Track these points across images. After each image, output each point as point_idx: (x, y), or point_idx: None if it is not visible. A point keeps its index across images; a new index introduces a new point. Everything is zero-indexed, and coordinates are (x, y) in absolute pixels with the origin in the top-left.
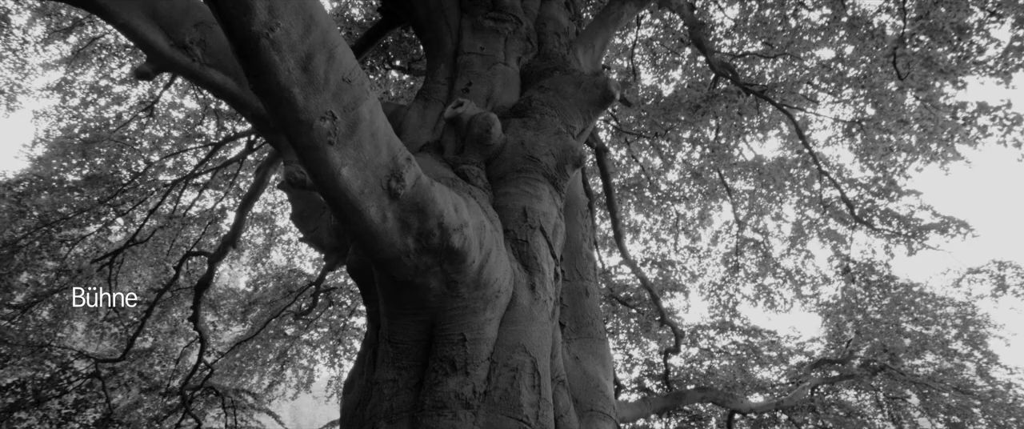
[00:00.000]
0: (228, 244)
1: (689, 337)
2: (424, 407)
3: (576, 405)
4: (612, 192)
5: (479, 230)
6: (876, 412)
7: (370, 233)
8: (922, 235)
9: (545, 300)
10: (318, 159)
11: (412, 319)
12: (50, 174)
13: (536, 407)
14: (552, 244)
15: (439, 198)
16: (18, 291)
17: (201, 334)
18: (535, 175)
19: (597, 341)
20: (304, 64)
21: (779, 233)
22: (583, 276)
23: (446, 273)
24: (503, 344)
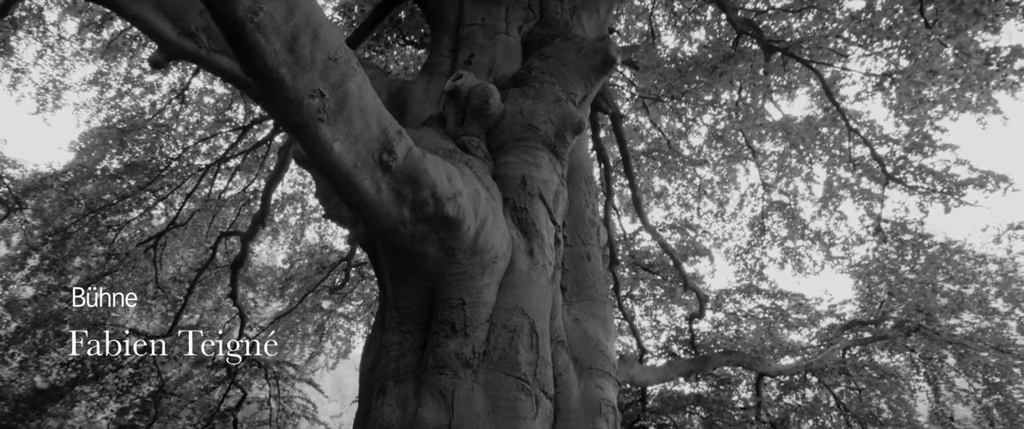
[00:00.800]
0: (258, 223)
1: (714, 302)
2: (427, 367)
3: (575, 364)
4: (629, 158)
5: (474, 198)
6: (911, 373)
7: (366, 205)
8: (959, 191)
9: (544, 265)
10: (310, 136)
11: (414, 285)
12: (93, 164)
13: (533, 365)
14: (552, 210)
15: (432, 169)
16: (72, 275)
17: (240, 310)
18: (534, 143)
19: (598, 303)
20: (290, 45)
21: (809, 194)
22: (586, 241)
23: (443, 241)
24: (502, 307)
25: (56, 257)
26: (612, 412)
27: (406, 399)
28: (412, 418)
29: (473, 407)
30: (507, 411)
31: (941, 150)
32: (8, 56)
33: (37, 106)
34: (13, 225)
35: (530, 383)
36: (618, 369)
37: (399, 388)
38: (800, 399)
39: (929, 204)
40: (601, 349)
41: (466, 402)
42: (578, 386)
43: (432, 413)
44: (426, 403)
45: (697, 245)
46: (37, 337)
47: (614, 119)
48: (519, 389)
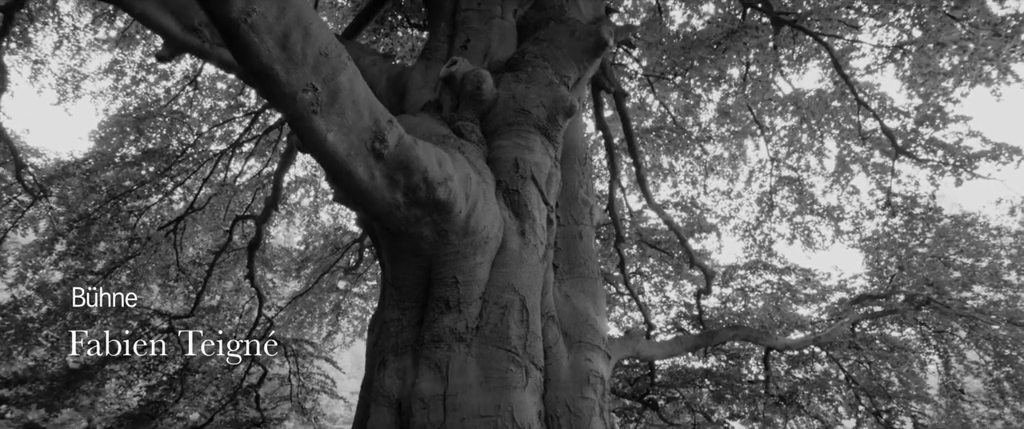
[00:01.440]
0: (271, 206)
1: (721, 278)
2: (424, 341)
3: (565, 337)
4: (633, 136)
5: (465, 182)
6: (922, 346)
7: (362, 191)
8: (971, 164)
9: (535, 244)
10: (305, 128)
11: (410, 265)
12: (112, 151)
13: (524, 339)
14: (544, 192)
15: (423, 155)
16: (98, 259)
17: (258, 290)
18: (526, 127)
19: (589, 280)
20: (282, 43)
21: (821, 169)
22: (578, 221)
23: (436, 223)
24: (494, 285)
25: (81, 242)
26: (600, 383)
27: (405, 371)
28: (410, 388)
29: (466, 378)
30: (498, 381)
31: (953, 122)
32: (28, 48)
33: (58, 96)
34: (40, 212)
35: (520, 355)
36: (625, 344)
37: (398, 361)
38: (809, 373)
39: (940, 177)
40: (590, 324)
41: (460, 373)
42: (567, 358)
43: (428, 384)
44: (423, 374)
45: (704, 222)
46: (67, 319)
47: (617, 98)
48: (509, 361)
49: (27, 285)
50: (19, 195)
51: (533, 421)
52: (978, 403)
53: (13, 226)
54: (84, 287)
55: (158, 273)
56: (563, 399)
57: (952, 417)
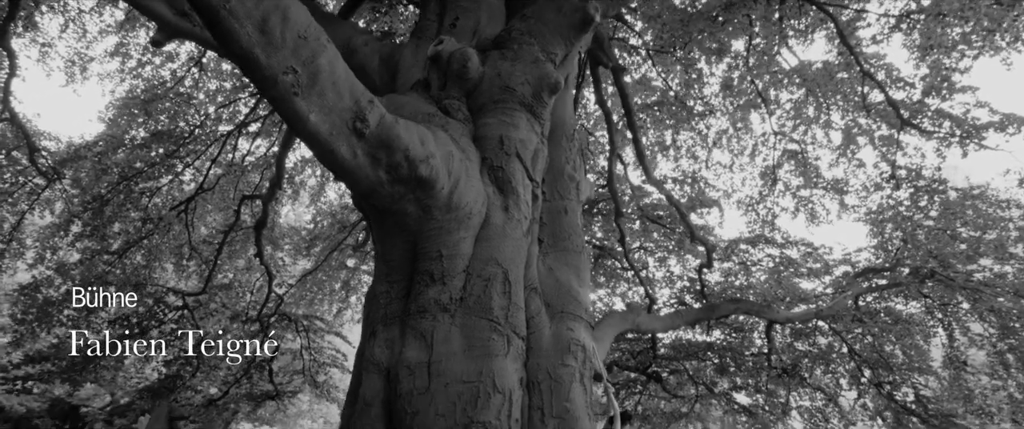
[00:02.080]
0: (275, 186)
1: (724, 252)
2: (410, 312)
3: (548, 308)
4: (632, 111)
5: (447, 160)
6: (926, 319)
7: (345, 169)
8: (979, 135)
9: (519, 219)
10: (288, 109)
11: (397, 240)
12: (122, 133)
13: (505, 310)
14: (529, 168)
15: (404, 134)
16: (113, 239)
17: (267, 268)
18: (511, 104)
19: (573, 254)
20: (261, 27)
21: (827, 142)
22: (564, 196)
23: (419, 199)
24: (478, 258)
25: (96, 223)
26: (581, 351)
27: (393, 340)
28: (398, 357)
29: (450, 346)
30: (480, 349)
31: (960, 93)
32: (35, 31)
33: (66, 78)
34: (55, 194)
35: (502, 325)
36: (625, 317)
37: (387, 331)
38: (812, 346)
39: (946, 149)
40: (573, 295)
41: (444, 342)
42: (550, 328)
43: (414, 352)
44: (409, 343)
45: (706, 197)
46: (88, 296)
47: (615, 73)
48: (491, 330)
49: (46, 266)
50: (34, 178)
51: (514, 387)
52: (981, 375)
53: (30, 208)
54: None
55: (172, 252)
56: (544, 366)
57: (955, 389)
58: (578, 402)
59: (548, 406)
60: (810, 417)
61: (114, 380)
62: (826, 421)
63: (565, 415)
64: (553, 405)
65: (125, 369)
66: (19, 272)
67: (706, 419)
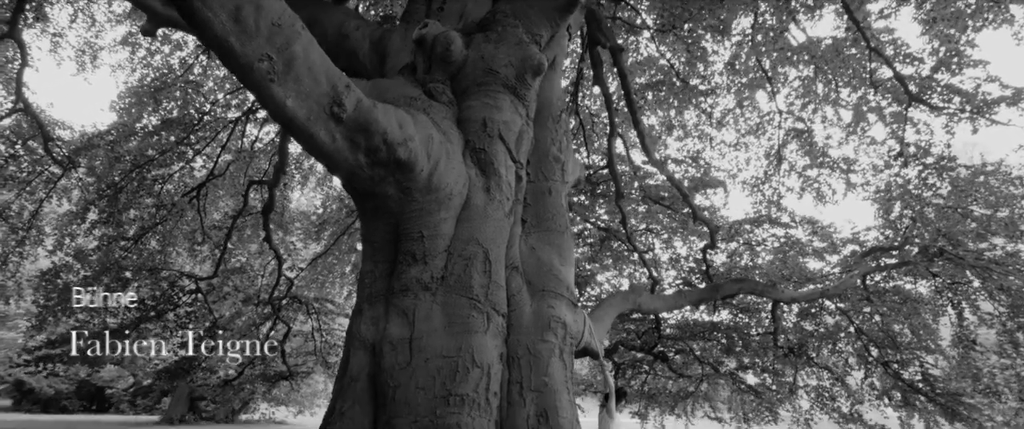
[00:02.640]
0: (279, 171)
1: (727, 232)
2: (394, 291)
3: (529, 286)
4: (631, 92)
5: (426, 142)
6: (935, 298)
7: (325, 153)
8: (990, 110)
9: (501, 200)
10: (265, 95)
11: (380, 222)
12: (133, 122)
13: (486, 288)
14: (512, 150)
15: (382, 118)
16: (128, 226)
17: (276, 252)
18: (495, 87)
19: (555, 233)
20: (235, 16)
21: (837, 120)
22: (548, 177)
23: (399, 181)
24: (459, 238)
25: (112, 210)
26: (562, 327)
27: (378, 318)
28: (382, 333)
29: (431, 323)
30: (460, 326)
31: (971, 67)
32: (45, 22)
33: (77, 68)
34: (71, 183)
35: (482, 303)
36: (627, 297)
37: (372, 309)
38: (820, 326)
39: (956, 125)
40: (554, 273)
41: (425, 319)
42: (530, 305)
43: (397, 329)
44: (393, 321)
45: (711, 177)
46: (104, 283)
47: (614, 53)
48: (471, 307)
49: (65, 252)
50: (50, 167)
51: (493, 362)
52: (990, 353)
53: (47, 196)
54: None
55: (185, 238)
56: (524, 342)
57: (963, 367)
58: (557, 376)
59: (527, 380)
60: (817, 396)
61: (133, 361)
62: (833, 400)
63: (543, 389)
64: (532, 379)
65: (144, 349)
66: (40, 259)
67: (714, 399)
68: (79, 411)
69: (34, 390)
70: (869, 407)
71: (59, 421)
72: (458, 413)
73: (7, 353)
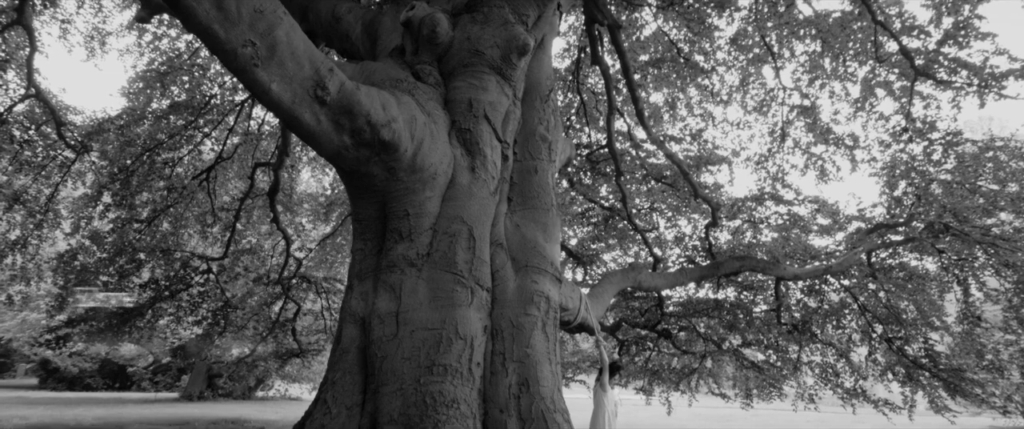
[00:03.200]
0: (282, 153)
1: (729, 210)
2: (382, 267)
3: (513, 262)
4: (629, 70)
5: (410, 123)
6: (941, 274)
7: (310, 135)
8: (998, 83)
9: (485, 179)
10: (250, 79)
11: (369, 201)
12: (143, 106)
13: (470, 264)
14: (497, 130)
15: (365, 100)
16: (141, 208)
17: (284, 233)
18: (480, 68)
19: (541, 211)
20: (218, 3)
21: (845, 95)
22: (534, 156)
23: (384, 162)
24: (444, 216)
25: (125, 193)
26: (545, 301)
27: (367, 293)
28: (371, 308)
29: (417, 297)
30: (445, 300)
31: (978, 40)
32: (54, 7)
33: (86, 53)
34: (84, 167)
35: (466, 278)
36: (626, 275)
37: (362, 285)
38: (824, 303)
39: (963, 99)
40: (538, 250)
41: (411, 293)
42: (514, 280)
43: (385, 303)
44: (381, 295)
45: (714, 154)
46: (119, 264)
47: (611, 31)
48: (455, 283)
49: (81, 235)
50: (63, 151)
51: (477, 334)
52: (995, 329)
53: (62, 180)
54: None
55: (197, 220)
56: (508, 315)
57: (967, 344)
58: (538, 347)
59: (509, 351)
60: (821, 372)
61: (150, 339)
62: (837, 376)
63: (525, 359)
64: (514, 350)
65: (160, 330)
66: (57, 242)
67: (718, 375)
68: (103, 388)
69: (59, 369)
70: (873, 382)
71: (84, 398)
72: (441, 381)
73: (31, 334)
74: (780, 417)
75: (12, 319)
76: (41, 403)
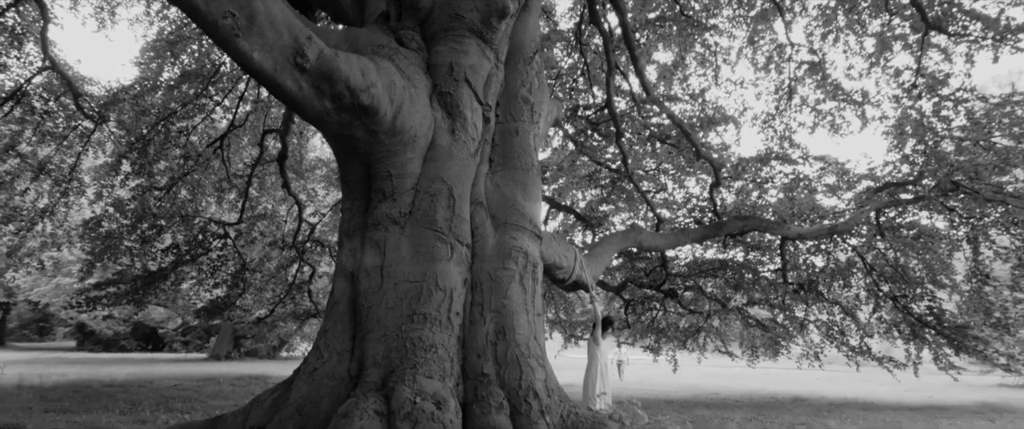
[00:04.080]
0: (288, 120)
1: (733, 170)
2: (368, 225)
3: (493, 220)
4: (628, 28)
5: (389, 88)
6: (951, 232)
7: (293, 101)
8: (1014, 36)
9: (465, 141)
10: (233, 49)
11: (354, 163)
12: (155, 76)
13: (450, 221)
14: (478, 92)
15: (344, 66)
16: (159, 177)
17: (295, 198)
18: (461, 32)
19: (521, 171)
20: None
21: (860, 50)
22: (516, 118)
23: (365, 125)
24: (425, 176)
25: (143, 162)
26: (523, 256)
27: (355, 250)
28: (359, 263)
29: (400, 253)
30: (426, 255)
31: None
32: None
33: (97, 24)
34: (104, 136)
35: (446, 234)
36: (626, 236)
37: (351, 242)
38: (830, 262)
39: (977, 53)
40: (517, 208)
41: (395, 249)
42: (494, 237)
43: (371, 258)
44: (367, 251)
45: (720, 113)
46: (141, 230)
47: None
48: (436, 239)
49: (104, 203)
50: (82, 122)
51: (456, 286)
52: (1003, 287)
53: (84, 149)
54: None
55: (214, 187)
56: (486, 269)
57: (975, 302)
58: (515, 299)
59: (487, 302)
60: (827, 330)
61: (174, 301)
62: (842, 334)
63: (502, 309)
64: (492, 301)
65: (184, 293)
66: (83, 208)
67: (725, 334)
68: (136, 350)
69: (95, 332)
70: (878, 340)
71: (118, 358)
72: (421, 328)
73: (66, 298)
74: (789, 376)
75: (47, 284)
76: (78, 363)
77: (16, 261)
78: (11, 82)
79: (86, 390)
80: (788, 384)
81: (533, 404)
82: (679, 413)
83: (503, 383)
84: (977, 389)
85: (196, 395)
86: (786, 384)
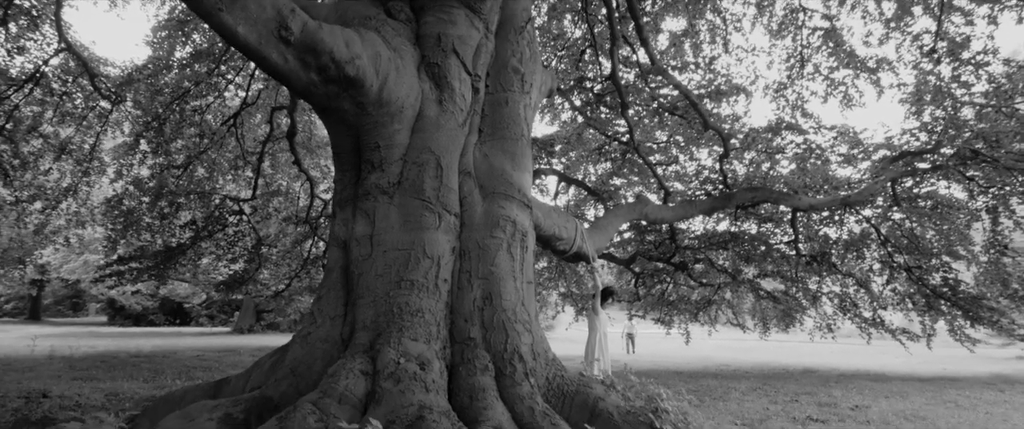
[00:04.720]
0: (295, 97)
1: (743, 141)
2: (358, 195)
3: (481, 189)
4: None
5: (374, 60)
6: (970, 202)
7: (280, 73)
8: None
9: (453, 111)
10: (217, 23)
11: (344, 135)
12: (167, 55)
13: (437, 191)
14: (466, 63)
15: (328, 38)
16: (176, 155)
17: (307, 175)
18: (450, 3)
19: (510, 141)
20: None
21: (879, 16)
22: (506, 88)
23: (352, 97)
24: (413, 147)
25: (160, 141)
26: (511, 225)
27: (347, 219)
28: (350, 232)
29: (389, 222)
30: (414, 224)
31: None
32: None
33: (109, 3)
34: (121, 115)
35: (433, 204)
36: (632, 208)
37: (343, 212)
38: (843, 233)
39: (1000, 14)
40: (506, 177)
41: (384, 218)
42: (482, 206)
43: (361, 227)
44: (358, 221)
45: (729, 83)
46: (160, 207)
47: None
48: (424, 208)
49: (124, 181)
50: (100, 102)
51: (444, 254)
52: (1020, 258)
53: (102, 129)
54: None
55: (229, 165)
56: (474, 238)
57: (993, 272)
58: (503, 266)
59: (475, 270)
60: (840, 302)
61: (194, 276)
62: (855, 306)
63: (490, 276)
64: (479, 269)
65: (204, 269)
66: (104, 186)
67: (737, 307)
68: (164, 324)
69: (124, 307)
70: (892, 312)
71: (146, 332)
72: (408, 294)
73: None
74: (804, 349)
75: (76, 261)
76: (108, 336)
77: (44, 238)
78: (30, 65)
79: (113, 360)
80: (801, 356)
81: (518, 366)
82: (686, 383)
83: (489, 346)
84: (995, 362)
85: (216, 364)
86: (800, 356)
